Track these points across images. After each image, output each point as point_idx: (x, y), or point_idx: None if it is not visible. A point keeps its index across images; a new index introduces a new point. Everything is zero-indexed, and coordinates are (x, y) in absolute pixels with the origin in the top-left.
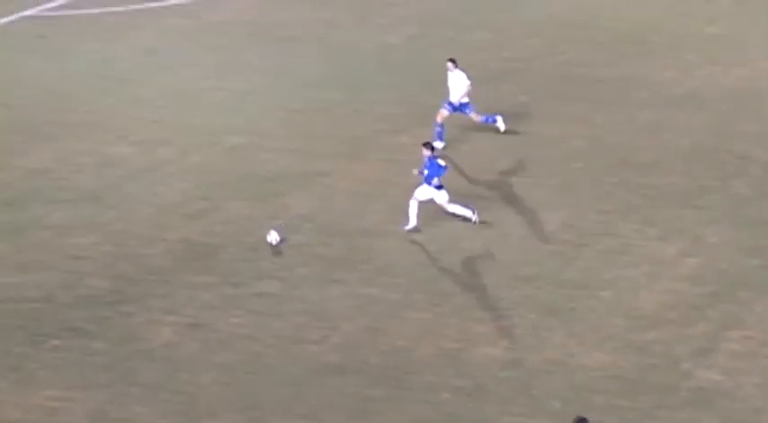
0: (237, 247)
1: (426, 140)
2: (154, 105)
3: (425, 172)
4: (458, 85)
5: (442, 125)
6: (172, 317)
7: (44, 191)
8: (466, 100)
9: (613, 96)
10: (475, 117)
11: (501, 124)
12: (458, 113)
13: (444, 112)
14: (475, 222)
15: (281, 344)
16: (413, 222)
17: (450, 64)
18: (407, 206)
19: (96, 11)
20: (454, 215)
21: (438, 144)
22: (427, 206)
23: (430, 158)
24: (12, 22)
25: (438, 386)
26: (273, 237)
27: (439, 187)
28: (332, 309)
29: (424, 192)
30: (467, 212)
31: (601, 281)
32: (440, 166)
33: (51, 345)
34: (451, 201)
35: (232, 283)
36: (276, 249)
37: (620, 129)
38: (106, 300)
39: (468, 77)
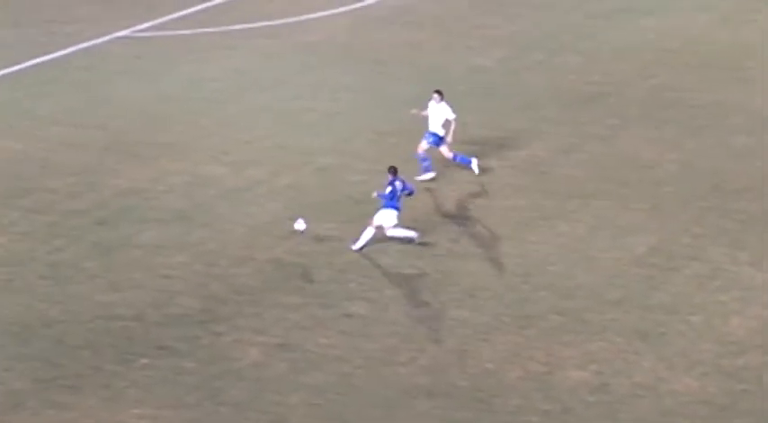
0: (327, 268)
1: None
2: (245, 126)
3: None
4: (440, 116)
5: (425, 157)
6: (261, 337)
7: (136, 210)
8: (443, 133)
9: (705, 121)
10: (446, 152)
11: (475, 167)
12: (434, 146)
13: (424, 144)
14: (416, 241)
15: (369, 365)
16: (362, 241)
17: (435, 95)
18: (495, 228)
19: (188, 32)
20: (392, 238)
21: (428, 176)
22: (512, 228)
23: (391, 181)
24: (105, 43)
25: (525, 409)
26: (300, 225)
27: (396, 208)
28: (420, 331)
29: (385, 216)
30: (409, 234)
31: (690, 305)
32: (394, 190)
33: (141, 363)
34: (397, 226)
35: (321, 304)
36: (316, 239)
37: (711, 153)
38: (196, 319)
39: (454, 111)
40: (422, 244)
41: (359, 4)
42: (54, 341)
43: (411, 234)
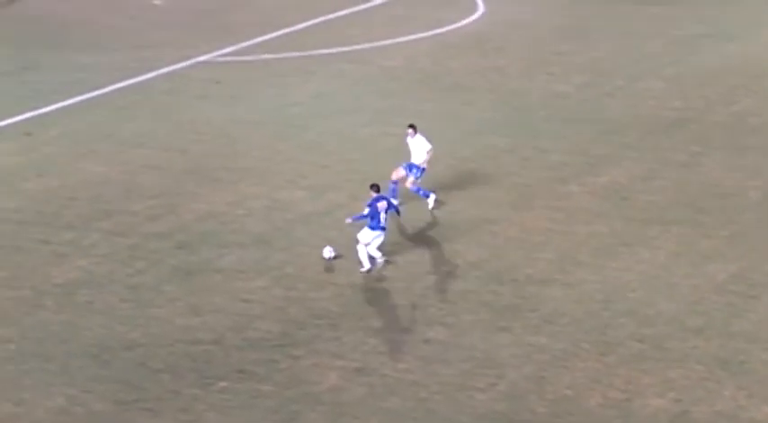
0: (406, 293)
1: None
2: (324, 150)
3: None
4: (419, 149)
5: (417, 188)
6: (339, 361)
7: (216, 234)
8: (418, 163)
9: None
10: (410, 183)
11: (431, 202)
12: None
13: (401, 171)
14: (370, 271)
15: (447, 391)
16: (366, 265)
17: (410, 130)
18: (575, 254)
19: (268, 56)
20: (364, 257)
21: (432, 199)
22: (592, 254)
23: (372, 201)
24: (186, 68)
25: None
26: (328, 252)
27: (380, 228)
28: (499, 356)
29: (367, 235)
30: (366, 262)
31: None
32: (374, 211)
33: (220, 386)
34: (378, 248)
35: (400, 329)
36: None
37: None
38: (275, 343)
39: (429, 141)
40: (499, 270)
41: (438, 31)
42: (135, 364)
43: (374, 261)
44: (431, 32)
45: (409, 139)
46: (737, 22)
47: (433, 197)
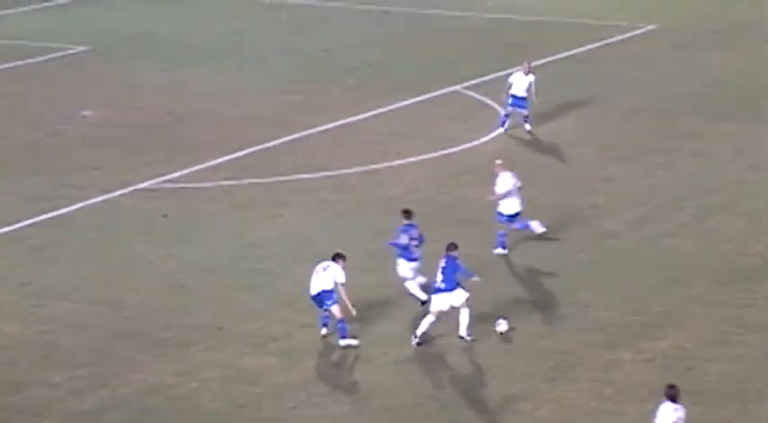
0: None
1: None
2: (301, 305)
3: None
4: (329, 279)
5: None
6: None
7: (159, 412)
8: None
9: None
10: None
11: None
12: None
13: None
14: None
15: None
16: (422, 296)
17: (323, 263)
18: None
19: (228, 183)
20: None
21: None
22: None
23: (405, 227)
24: (123, 197)
25: None
26: (502, 326)
27: (413, 259)
28: None
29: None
30: (421, 294)
31: None
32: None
33: None
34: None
35: None
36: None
37: None
38: None
39: (343, 275)
40: None
41: (449, 150)
42: None
43: (423, 296)
44: (439, 153)
45: (320, 270)
46: None
47: (347, 342)
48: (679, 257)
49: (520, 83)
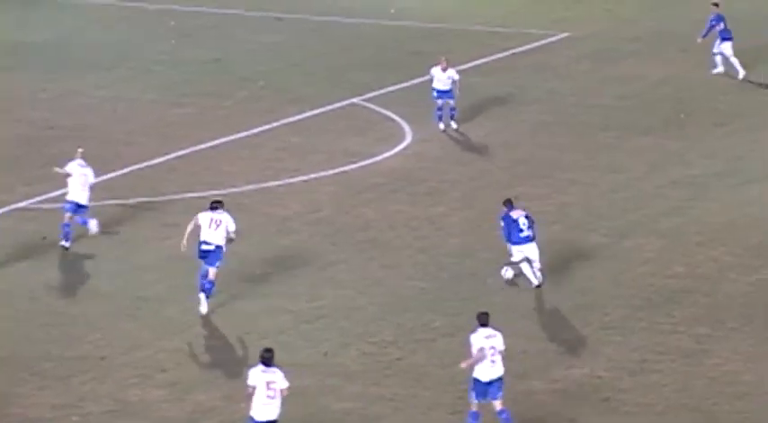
0: None
1: None
2: (189, 332)
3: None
4: None
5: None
6: None
7: None
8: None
9: None
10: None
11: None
12: None
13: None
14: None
15: None
16: (535, 281)
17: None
18: None
19: (111, 202)
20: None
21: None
22: None
23: (505, 214)
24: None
25: None
26: (509, 273)
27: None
28: None
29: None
30: (533, 278)
31: None
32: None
33: None
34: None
35: None
36: None
37: None
38: None
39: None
40: None
41: (348, 167)
42: None
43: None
44: (338, 169)
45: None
46: (760, 157)
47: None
48: (593, 280)
49: (440, 77)
